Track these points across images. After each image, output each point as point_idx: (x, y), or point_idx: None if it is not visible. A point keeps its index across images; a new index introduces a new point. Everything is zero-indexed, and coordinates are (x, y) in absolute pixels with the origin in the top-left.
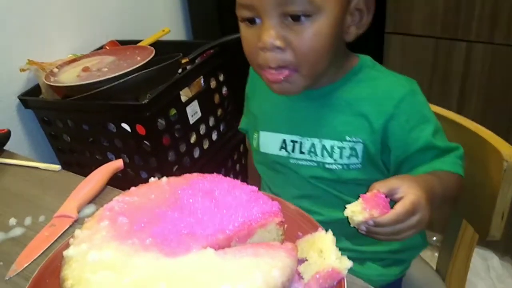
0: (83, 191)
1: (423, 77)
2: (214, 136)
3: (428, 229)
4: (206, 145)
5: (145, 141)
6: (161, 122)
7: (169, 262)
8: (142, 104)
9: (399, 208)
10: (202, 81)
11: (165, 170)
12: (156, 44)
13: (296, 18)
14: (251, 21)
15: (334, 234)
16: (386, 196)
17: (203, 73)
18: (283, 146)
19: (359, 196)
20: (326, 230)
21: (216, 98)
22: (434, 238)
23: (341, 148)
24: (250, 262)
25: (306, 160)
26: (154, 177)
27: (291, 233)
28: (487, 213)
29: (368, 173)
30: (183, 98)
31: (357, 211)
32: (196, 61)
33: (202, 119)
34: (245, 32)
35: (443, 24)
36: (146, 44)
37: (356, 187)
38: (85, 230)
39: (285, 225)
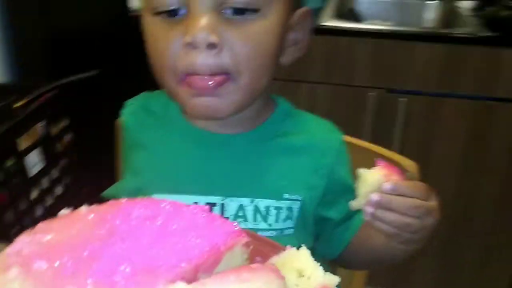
0: None
1: None
2: (59, 191)
3: None
4: (49, 201)
5: None
6: None
7: None
8: None
9: (419, 182)
10: (39, 129)
11: (2, 233)
12: None
13: (238, 11)
14: (172, 13)
15: None
16: None
17: (42, 118)
18: None
19: None
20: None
21: (60, 146)
22: None
23: (278, 209)
24: None
25: None
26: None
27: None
28: None
29: (299, 239)
30: (20, 148)
31: (371, 172)
32: (32, 105)
33: (45, 171)
34: (159, 28)
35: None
36: None
37: None
38: None
39: (251, 246)
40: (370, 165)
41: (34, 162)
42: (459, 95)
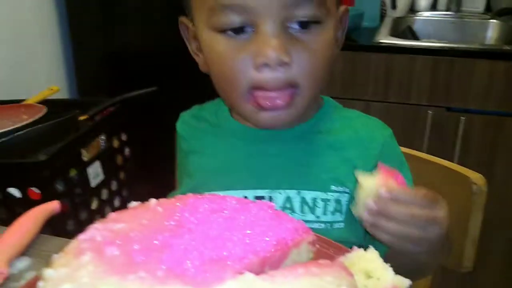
0: (12, 241)
1: None
2: (117, 203)
3: None
4: (108, 212)
5: None
6: (59, 185)
7: None
8: (39, 162)
9: (421, 189)
10: (101, 142)
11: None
12: (46, 103)
13: (304, 24)
14: (238, 31)
15: None
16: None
17: (105, 131)
18: None
19: None
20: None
21: (119, 159)
22: None
23: (325, 201)
24: (311, 284)
25: None
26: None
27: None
28: (458, 243)
29: (351, 233)
30: (84, 158)
31: (369, 177)
32: (95, 118)
33: (104, 183)
34: (225, 46)
35: (343, 86)
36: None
37: None
38: (60, 268)
39: (317, 245)
40: (433, 176)
41: (95, 173)
42: None
